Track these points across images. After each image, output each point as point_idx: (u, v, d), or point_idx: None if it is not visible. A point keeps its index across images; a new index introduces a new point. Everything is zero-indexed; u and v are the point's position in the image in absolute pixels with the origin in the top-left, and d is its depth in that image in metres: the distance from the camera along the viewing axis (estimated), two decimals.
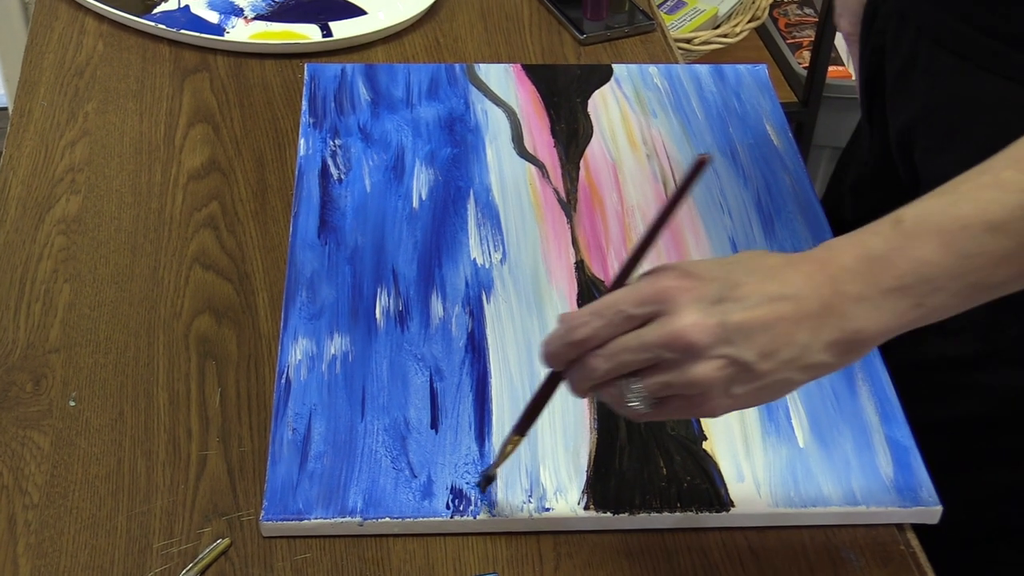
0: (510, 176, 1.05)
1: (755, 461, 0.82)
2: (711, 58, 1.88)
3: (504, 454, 0.77)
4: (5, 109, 2.21)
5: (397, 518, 0.78)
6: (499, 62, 1.21)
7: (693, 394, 0.66)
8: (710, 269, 0.66)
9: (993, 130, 0.66)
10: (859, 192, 1.11)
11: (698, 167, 0.66)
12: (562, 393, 0.85)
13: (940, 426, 0.89)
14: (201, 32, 1.21)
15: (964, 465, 0.92)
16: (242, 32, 1.22)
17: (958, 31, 0.86)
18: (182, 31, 1.21)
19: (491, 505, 0.79)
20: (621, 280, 0.69)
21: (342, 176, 1.03)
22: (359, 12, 1.27)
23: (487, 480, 0.79)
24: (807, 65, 2.07)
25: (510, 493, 0.79)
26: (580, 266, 0.96)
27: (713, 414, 0.68)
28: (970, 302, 0.65)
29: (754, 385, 0.66)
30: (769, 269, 0.66)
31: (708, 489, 0.80)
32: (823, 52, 2.00)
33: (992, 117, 0.84)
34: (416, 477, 0.80)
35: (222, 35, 1.21)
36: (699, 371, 0.65)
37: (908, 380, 0.89)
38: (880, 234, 0.65)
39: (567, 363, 0.70)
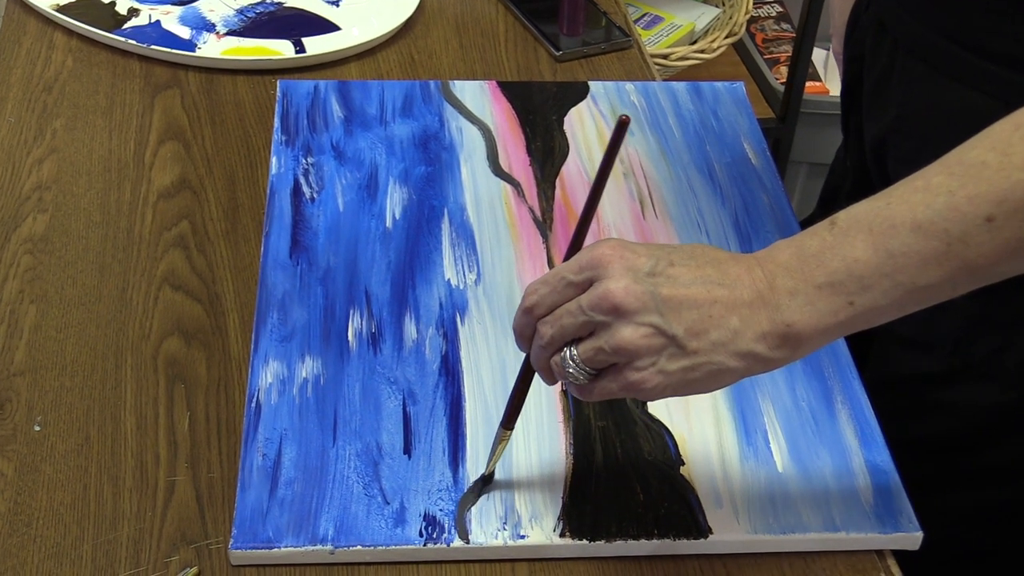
0: (485, 195, 1.03)
1: (733, 487, 0.81)
2: (688, 74, 1.87)
3: (497, 451, 0.79)
4: None
5: (369, 546, 0.76)
6: (474, 79, 1.20)
7: (623, 363, 0.68)
8: (651, 247, 0.69)
9: (962, 140, 0.66)
10: (833, 203, 1.10)
11: (620, 128, 0.68)
12: (537, 420, 0.84)
13: (913, 444, 0.88)
14: (172, 48, 1.19)
15: (939, 484, 0.92)
16: (214, 48, 1.20)
17: (931, 42, 0.87)
18: (153, 47, 1.19)
19: (465, 533, 0.77)
20: (571, 253, 0.72)
21: (314, 195, 1.02)
22: (333, 28, 1.25)
23: (485, 480, 0.80)
24: (784, 81, 2.06)
25: (484, 520, 0.78)
26: None
27: (644, 389, 0.68)
28: (903, 304, 0.66)
29: (684, 363, 0.67)
30: (711, 259, 0.69)
31: (686, 515, 0.79)
32: (800, 68, 2.00)
33: (962, 128, 0.85)
34: (388, 504, 0.79)
35: (194, 51, 1.19)
36: (625, 334, 0.67)
37: (881, 397, 0.88)
38: (817, 235, 0.67)
39: (529, 339, 0.72)
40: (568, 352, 0.70)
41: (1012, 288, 0.85)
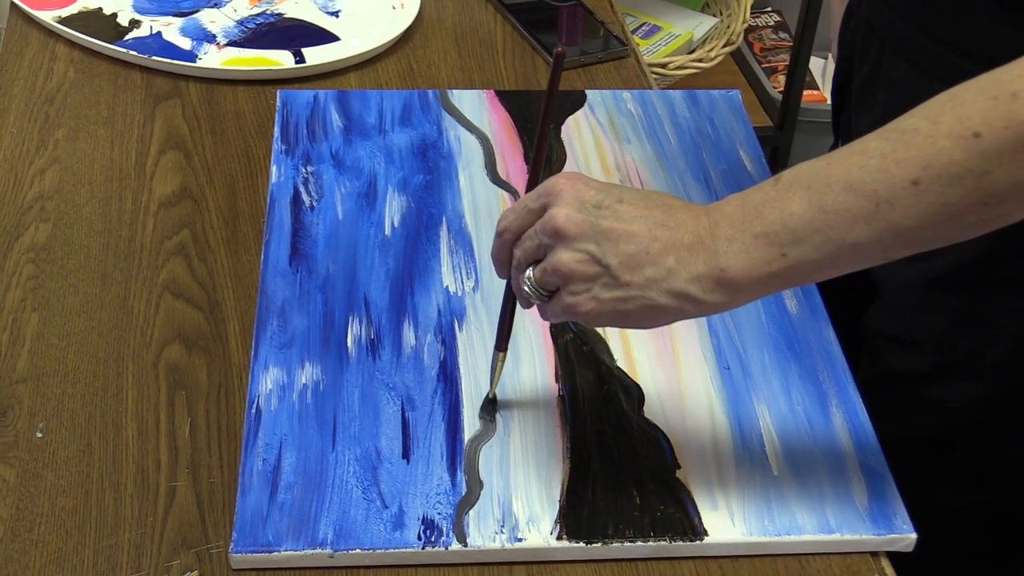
0: (483, 203, 1.04)
1: (729, 489, 0.82)
2: (686, 82, 1.89)
3: (496, 373, 0.85)
4: None
5: (368, 550, 0.77)
6: (472, 88, 1.20)
7: (563, 286, 0.73)
8: (607, 185, 0.74)
9: None
10: None
11: (557, 60, 0.75)
12: (534, 424, 0.85)
13: (903, 442, 0.89)
14: (173, 58, 1.20)
15: (929, 483, 0.93)
16: (214, 58, 1.21)
17: (917, 42, 0.88)
18: (154, 57, 1.20)
19: (463, 536, 0.78)
20: (532, 184, 0.78)
21: (314, 203, 1.03)
22: (332, 38, 1.26)
23: (490, 403, 0.86)
24: (782, 89, 2.07)
25: (482, 523, 0.79)
26: None
27: (579, 313, 0.73)
28: (834, 261, 0.68)
29: (617, 294, 0.71)
30: (662, 203, 0.73)
31: (681, 518, 0.80)
32: (798, 76, 2.01)
33: None
34: (387, 508, 0.79)
35: (194, 61, 1.21)
36: (563, 258, 0.72)
37: (871, 396, 0.89)
38: (762, 189, 0.70)
39: (503, 263, 0.78)
40: (527, 273, 0.75)
41: (993, 284, 0.86)
